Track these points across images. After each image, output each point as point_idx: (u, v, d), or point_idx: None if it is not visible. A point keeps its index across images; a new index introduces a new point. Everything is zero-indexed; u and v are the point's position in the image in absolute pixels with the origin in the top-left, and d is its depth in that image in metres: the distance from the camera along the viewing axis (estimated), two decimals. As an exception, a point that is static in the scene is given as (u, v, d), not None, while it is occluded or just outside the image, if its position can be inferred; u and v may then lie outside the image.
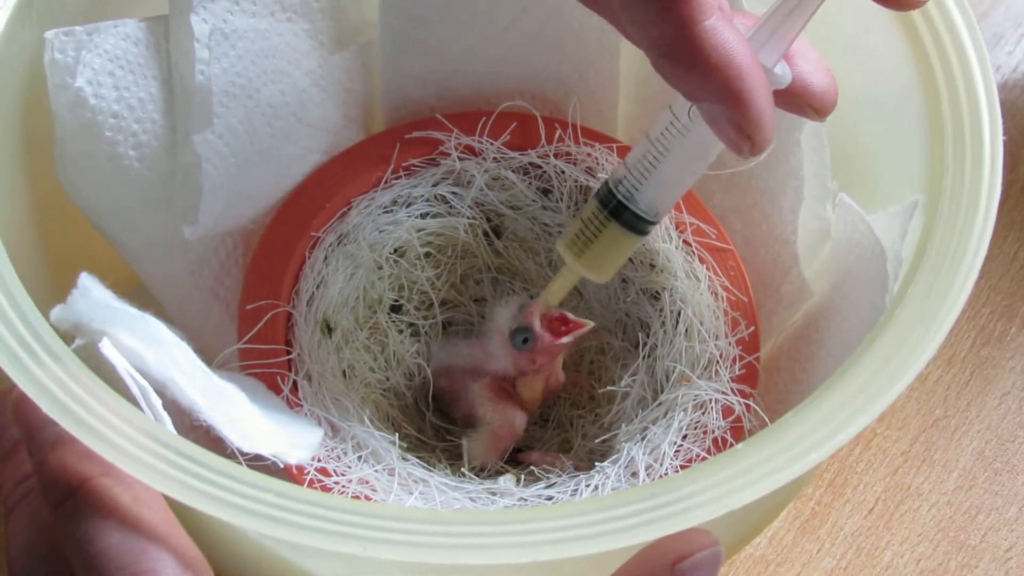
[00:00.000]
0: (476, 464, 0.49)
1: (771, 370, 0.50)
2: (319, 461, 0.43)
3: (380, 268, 0.51)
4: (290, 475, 0.42)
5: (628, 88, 0.54)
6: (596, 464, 0.45)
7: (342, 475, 0.43)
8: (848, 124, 0.49)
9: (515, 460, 0.50)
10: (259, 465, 0.37)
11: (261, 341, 0.46)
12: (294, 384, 0.46)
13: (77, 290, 0.38)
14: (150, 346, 0.38)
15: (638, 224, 0.44)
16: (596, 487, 0.44)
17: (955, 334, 0.60)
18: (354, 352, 0.50)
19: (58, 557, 0.38)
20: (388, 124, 0.53)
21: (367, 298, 0.51)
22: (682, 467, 0.44)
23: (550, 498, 0.44)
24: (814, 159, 0.48)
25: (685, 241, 0.50)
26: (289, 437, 0.42)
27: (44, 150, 0.45)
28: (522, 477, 0.47)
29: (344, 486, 0.43)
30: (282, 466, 0.41)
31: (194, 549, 0.37)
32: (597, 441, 0.49)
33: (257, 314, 0.47)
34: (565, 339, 0.47)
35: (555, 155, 0.51)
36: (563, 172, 0.51)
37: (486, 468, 0.49)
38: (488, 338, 0.50)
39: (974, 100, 0.43)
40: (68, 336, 0.37)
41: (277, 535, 0.33)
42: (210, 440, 0.38)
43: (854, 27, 0.45)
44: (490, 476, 0.48)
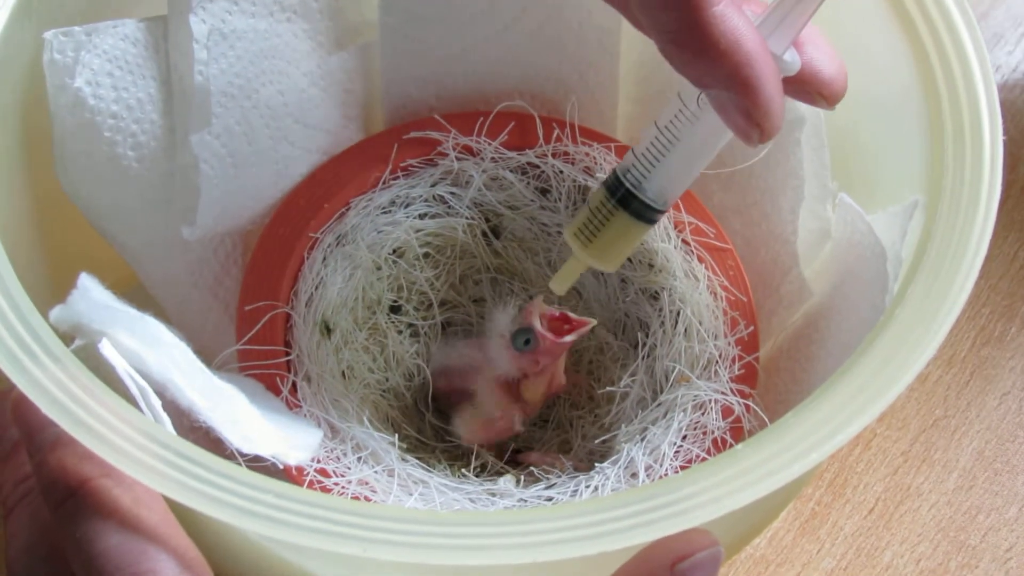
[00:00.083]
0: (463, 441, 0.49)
1: (771, 370, 0.49)
2: (318, 462, 0.43)
3: (379, 269, 0.51)
4: (290, 476, 0.42)
5: (628, 88, 0.54)
6: (596, 465, 0.45)
7: (341, 476, 0.43)
8: (848, 124, 0.49)
9: (515, 461, 0.50)
10: (258, 466, 0.37)
11: (260, 342, 0.46)
12: (293, 385, 0.46)
13: (76, 290, 0.38)
14: (150, 347, 0.38)
15: (646, 213, 0.44)
16: (596, 488, 0.44)
17: (955, 334, 0.60)
18: (353, 353, 0.50)
19: (58, 558, 0.38)
20: (387, 124, 0.53)
21: (366, 299, 0.51)
22: (682, 468, 0.44)
23: (550, 499, 0.44)
24: (814, 159, 0.48)
25: (684, 241, 0.50)
26: (288, 438, 0.42)
27: (43, 150, 0.45)
28: (522, 478, 0.47)
29: (344, 487, 0.43)
30: (281, 467, 0.41)
31: (194, 550, 0.37)
32: (597, 442, 0.49)
33: (256, 315, 0.47)
34: (568, 338, 0.47)
35: (553, 155, 0.51)
36: (561, 172, 0.51)
37: (486, 468, 0.49)
38: (489, 341, 0.49)
39: (974, 100, 0.43)
40: (67, 337, 0.37)
41: (277, 536, 0.33)
42: (210, 441, 0.38)
43: (854, 27, 0.45)
44: (490, 477, 0.48)
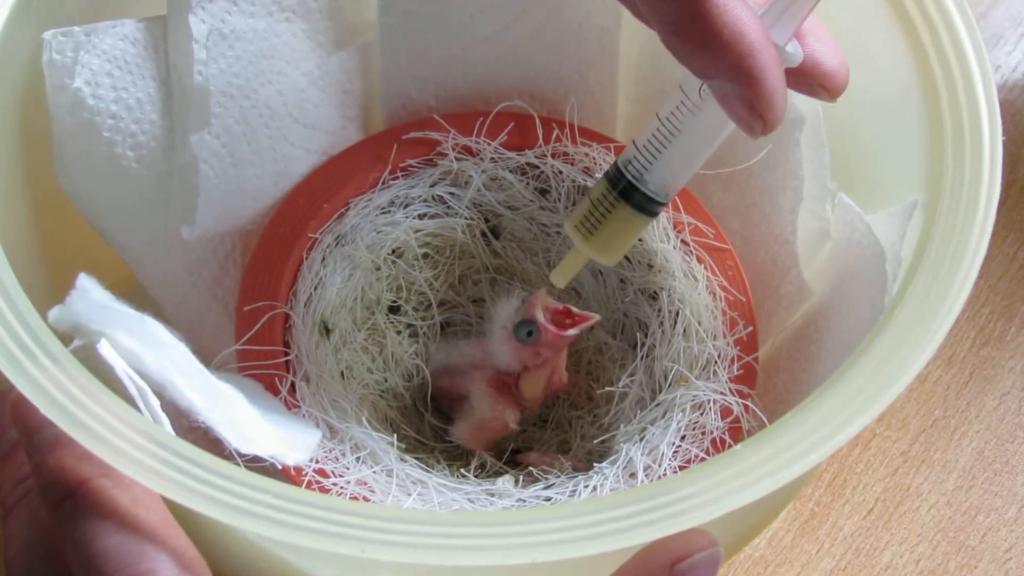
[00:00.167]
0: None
1: (770, 370, 0.49)
2: (317, 462, 0.43)
3: (378, 269, 0.51)
4: (288, 476, 0.42)
5: (628, 89, 0.54)
6: (595, 465, 0.45)
7: (340, 476, 0.43)
8: (848, 124, 0.49)
9: (514, 461, 0.50)
10: (257, 466, 0.37)
11: (259, 342, 0.46)
12: (292, 385, 0.46)
13: (75, 291, 0.38)
14: (148, 347, 0.38)
15: (648, 205, 0.43)
16: (595, 488, 0.44)
17: (955, 334, 0.60)
18: (352, 353, 0.50)
19: (57, 558, 0.38)
20: (387, 124, 0.53)
21: (365, 299, 0.51)
22: (680, 468, 0.44)
23: (548, 499, 0.44)
24: (813, 159, 0.48)
25: (683, 241, 0.50)
26: (287, 438, 0.42)
27: (42, 151, 0.45)
28: (520, 478, 0.47)
29: (342, 487, 0.43)
30: (280, 467, 0.41)
31: (193, 550, 0.36)
32: (596, 442, 0.49)
33: (255, 315, 0.47)
34: (570, 331, 0.47)
35: (552, 155, 0.51)
36: (560, 172, 0.51)
37: (485, 468, 0.49)
38: (490, 335, 0.49)
39: (973, 100, 0.43)
40: (66, 337, 0.37)
41: (275, 536, 0.33)
42: (208, 441, 0.38)
43: (854, 27, 0.45)
44: (488, 477, 0.48)
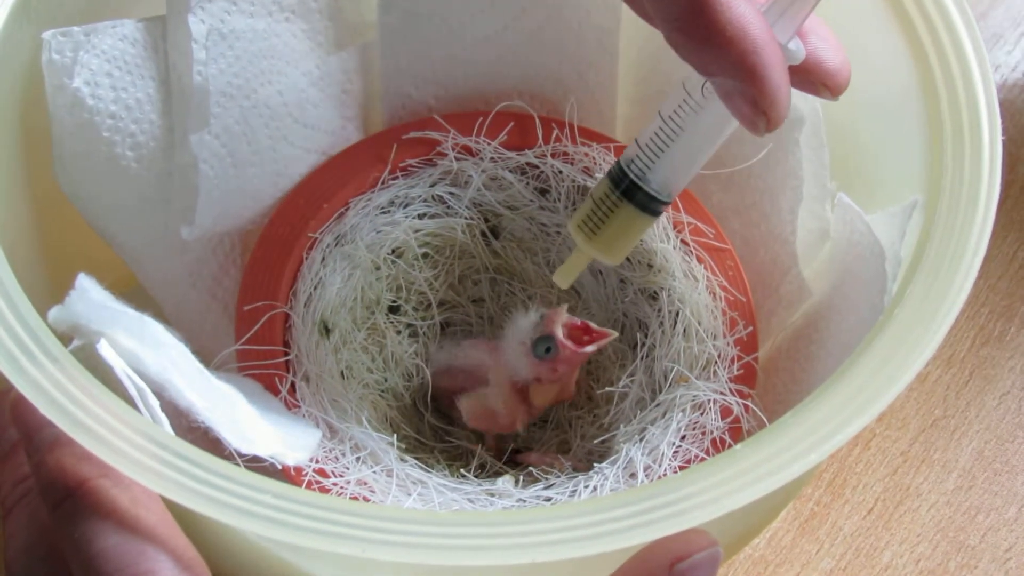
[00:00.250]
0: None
1: (770, 370, 0.49)
2: (317, 462, 0.43)
3: (378, 269, 0.51)
4: (288, 476, 0.42)
5: (627, 89, 0.54)
6: (595, 465, 0.45)
7: (340, 476, 0.43)
8: (847, 124, 0.49)
9: (514, 461, 0.50)
10: (257, 466, 0.37)
11: (259, 342, 0.46)
12: (292, 385, 0.46)
13: (75, 291, 0.38)
14: (148, 347, 0.38)
15: (651, 204, 0.43)
16: (595, 488, 0.44)
17: (954, 334, 0.60)
18: (352, 353, 0.50)
19: (56, 558, 0.38)
20: (387, 124, 0.53)
21: (365, 299, 0.51)
22: (681, 468, 0.44)
23: (549, 499, 0.44)
24: (813, 159, 0.48)
25: (683, 241, 0.50)
26: (287, 438, 0.42)
27: (42, 151, 0.45)
28: (520, 478, 0.47)
29: (342, 487, 0.43)
30: (280, 467, 0.41)
31: (192, 550, 0.36)
32: (596, 442, 0.49)
33: (255, 315, 0.47)
34: (588, 348, 0.47)
35: (552, 155, 0.51)
36: (560, 172, 0.51)
37: (485, 468, 0.49)
38: (507, 344, 0.49)
39: (973, 100, 0.43)
40: (66, 337, 0.37)
41: (275, 536, 0.33)
42: (208, 441, 0.38)
43: (853, 27, 0.45)
44: (488, 477, 0.48)
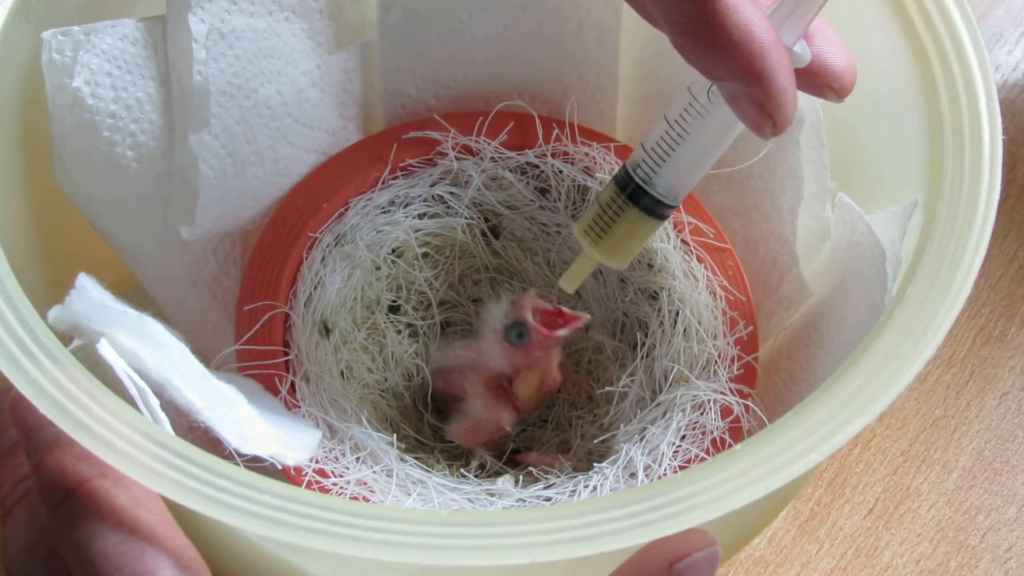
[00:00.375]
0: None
1: (770, 370, 0.49)
2: (317, 462, 0.43)
3: (378, 269, 0.51)
4: (288, 476, 0.42)
5: (627, 89, 0.54)
6: (595, 465, 0.45)
7: (340, 476, 0.43)
8: (848, 124, 0.49)
9: (514, 461, 0.50)
10: (257, 466, 0.37)
11: (259, 342, 0.46)
12: (292, 385, 0.46)
13: (75, 291, 0.37)
14: (148, 347, 0.38)
15: (657, 208, 0.43)
16: (595, 488, 0.44)
17: (954, 334, 0.60)
18: (352, 353, 0.50)
19: (56, 558, 0.38)
20: (386, 124, 0.53)
21: (365, 299, 0.51)
22: (681, 468, 0.44)
23: (548, 499, 0.44)
24: (813, 159, 0.48)
25: (683, 240, 0.50)
26: (287, 438, 0.42)
27: (42, 150, 0.45)
28: (520, 478, 0.47)
29: (342, 487, 0.43)
30: (280, 467, 0.41)
31: (192, 550, 0.36)
32: (596, 442, 0.49)
33: (255, 315, 0.47)
34: (560, 332, 0.47)
35: (552, 155, 0.51)
36: (561, 172, 0.51)
37: (485, 468, 0.49)
38: (482, 337, 0.49)
39: (973, 99, 0.43)
40: (66, 337, 0.37)
41: (275, 536, 0.33)
42: (208, 441, 0.38)
43: (853, 27, 0.45)
44: (488, 477, 0.48)
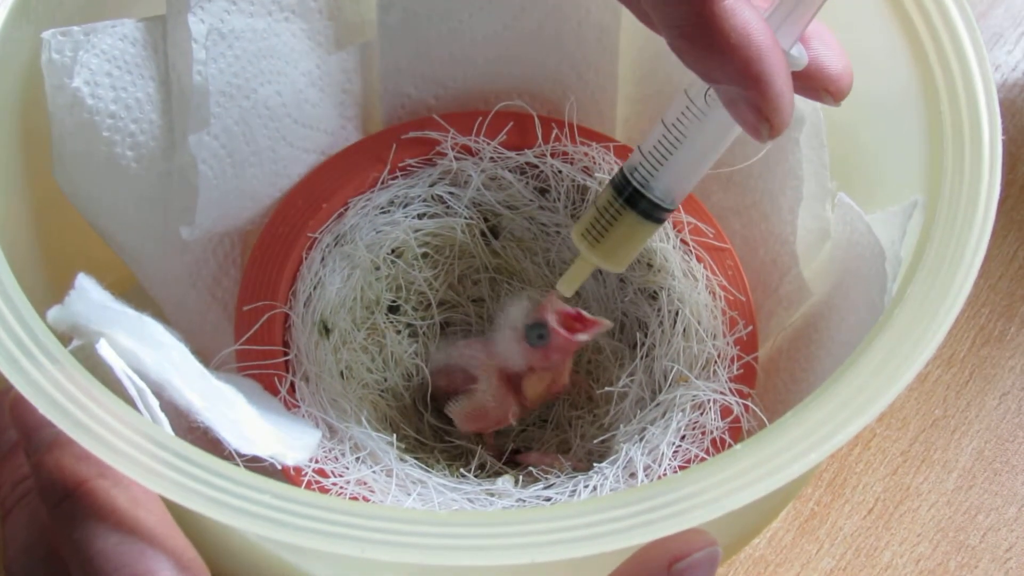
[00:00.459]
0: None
1: (770, 370, 0.49)
2: (317, 462, 0.43)
3: (377, 269, 0.51)
4: (288, 476, 0.42)
5: (627, 89, 0.54)
6: (594, 465, 0.45)
7: (340, 476, 0.43)
8: (848, 124, 0.49)
9: (513, 461, 0.50)
10: (257, 467, 0.37)
11: (259, 342, 0.46)
12: (292, 385, 0.46)
13: (74, 291, 0.37)
14: (148, 347, 0.38)
15: (654, 212, 0.43)
16: (595, 488, 0.44)
17: (954, 334, 0.60)
18: (352, 353, 0.50)
19: (56, 558, 0.38)
20: (386, 124, 0.53)
21: (364, 299, 0.51)
22: (680, 468, 0.44)
23: (548, 499, 0.44)
24: (813, 159, 0.48)
25: (683, 240, 0.50)
26: (287, 438, 0.42)
27: (41, 150, 0.45)
28: (520, 478, 0.47)
29: (342, 487, 0.43)
30: (280, 468, 0.41)
31: (191, 551, 0.36)
32: (595, 442, 0.49)
33: (255, 315, 0.47)
34: (581, 336, 0.47)
35: (552, 155, 0.51)
36: (560, 172, 0.51)
37: (485, 468, 0.49)
38: (498, 335, 0.49)
39: (973, 99, 0.43)
40: (65, 337, 0.37)
41: (275, 537, 0.33)
42: (208, 442, 0.38)
43: (852, 27, 0.45)
44: (488, 477, 0.48)
